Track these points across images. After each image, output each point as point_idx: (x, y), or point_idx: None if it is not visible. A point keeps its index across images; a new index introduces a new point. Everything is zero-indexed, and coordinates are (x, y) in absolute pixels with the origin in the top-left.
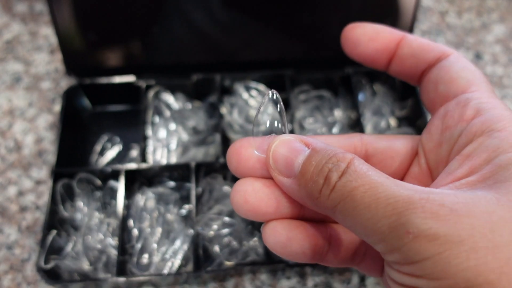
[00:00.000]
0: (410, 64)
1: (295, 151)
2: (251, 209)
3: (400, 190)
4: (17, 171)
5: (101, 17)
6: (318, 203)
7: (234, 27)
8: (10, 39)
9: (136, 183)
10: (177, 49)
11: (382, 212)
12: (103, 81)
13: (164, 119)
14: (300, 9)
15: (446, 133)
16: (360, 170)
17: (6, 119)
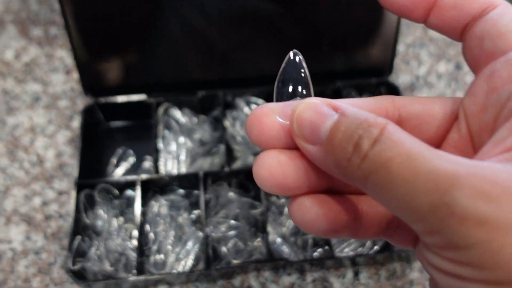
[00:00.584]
0: (452, 16)
1: (322, 115)
2: (277, 184)
3: (443, 163)
4: (40, 183)
5: (114, 42)
6: (347, 173)
7: (235, 46)
8: (28, 62)
9: (150, 192)
10: (184, 68)
11: (422, 187)
12: (117, 100)
13: (174, 132)
14: (294, 27)
15: (492, 95)
16: (396, 138)
17: (28, 136)
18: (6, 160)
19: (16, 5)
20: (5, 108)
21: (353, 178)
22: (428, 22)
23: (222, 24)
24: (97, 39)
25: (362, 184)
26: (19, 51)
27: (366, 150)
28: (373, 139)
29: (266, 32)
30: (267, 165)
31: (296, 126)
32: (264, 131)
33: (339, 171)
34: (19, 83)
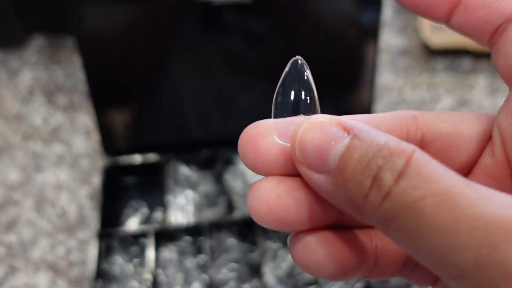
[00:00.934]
0: (481, 16)
1: (330, 137)
2: (277, 220)
3: (492, 207)
4: (64, 233)
5: (130, 109)
6: (363, 212)
7: (234, 109)
8: (54, 126)
9: (161, 239)
10: (189, 130)
11: (465, 239)
12: (132, 159)
13: (181, 186)
14: None
15: None
16: (427, 171)
17: (55, 192)
18: (35, 213)
19: (44, 76)
20: (34, 167)
21: (371, 219)
22: (452, 22)
23: (221, 93)
24: (115, 106)
25: (382, 226)
26: (46, 117)
27: (389, 187)
28: (397, 172)
29: (261, 92)
30: (264, 197)
31: (299, 151)
32: (260, 155)
33: (352, 208)
34: (46, 144)
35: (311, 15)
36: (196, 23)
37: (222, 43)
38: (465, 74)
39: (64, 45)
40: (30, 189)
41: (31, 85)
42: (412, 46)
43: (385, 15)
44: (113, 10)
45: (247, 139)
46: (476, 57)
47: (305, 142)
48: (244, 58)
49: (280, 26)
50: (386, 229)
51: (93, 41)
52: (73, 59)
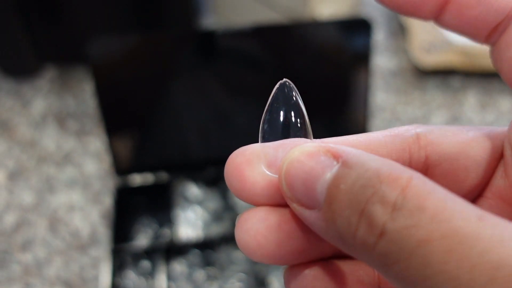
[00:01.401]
0: (476, 14)
1: (318, 168)
2: (268, 255)
3: (506, 241)
4: (78, 251)
5: (139, 132)
6: (358, 253)
7: (233, 130)
8: (67, 151)
9: (172, 254)
10: (192, 150)
11: (480, 281)
12: (143, 180)
13: (189, 203)
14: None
15: None
16: (431, 204)
17: (68, 212)
18: (49, 233)
19: (56, 104)
20: (48, 189)
21: (366, 260)
22: (442, 21)
23: (220, 114)
24: (124, 129)
25: (380, 270)
26: (59, 142)
27: (383, 224)
28: (391, 206)
29: (258, 115)
30: (253, 230)
31: (286, 187)
32: (247, 186)
33: (347, 248)
34: (59, 168)
35: (304, 40)
36: (195, 51)
37: (220, 68)
38: (455, 91)
39: (75, 74)
40: (45, 210)
41: (44, 112)
42: (403, 67)
43: (376, 39)
44: (121, 41)
45: (233, 167)
46: (465, 76)
47: (291, 175)
48: (241, 81)
49: (274, 51)
50: (384, 274)
51: (103, 69)
52: (83, 87)
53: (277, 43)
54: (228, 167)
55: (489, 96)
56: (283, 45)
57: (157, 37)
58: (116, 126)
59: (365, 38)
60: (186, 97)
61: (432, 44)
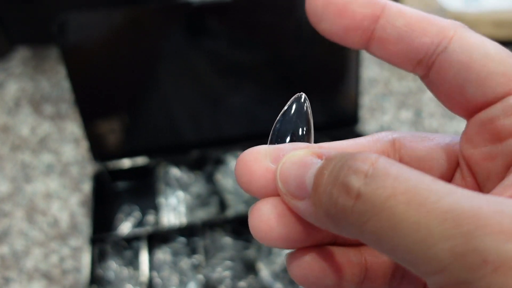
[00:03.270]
0: (399, 50)
1: (306, 166)
2: (279, 238)
3: (460, 199)
4: (57, 241)
5: (117, 113)
6: (339, 223)
7: (222, 110)
8: (43, 136)
9: (155, 241)
10: (179, 131)
11: (438, 231)
12: (122, 164)
13: (172, 188)
14: (273, 86)
15: (499, 145)
16: (395, 172)
17: (45, 201)
18: (26, 223)
19: (30, 87)
20: (24, 177)
21: (348, 227)
22: (371, 52)
23: (209, 94)
24: (102, 112)
25: (358, 232)
26: (34, 127)
27: (358, 188)
28: (363, 174)
29: (250, 96)
30: (265, 217)
31: (281, 184)
32: (255, 180)
33: (331, 223)
34: (35, 154)
35: (293, 13)
36: (180, 26)
37: (207, 45)
38: None
39: (49, 55)
40: (21, 199)
41: (17, 96)
42: None
43: None
44: (95, 17)
45: (242, 164)
46: None
47: (285, 174)
48: (230, 59)
49: (262, 25)
50: (362, 234)
51: (76, 49)
52: (58, 69)
53: (265, 17)
54: (238, 165)
55: None
56: (272, 18)
57: (135, 12)
58: (93, 109)
59: None
60: (171, 77)
61: (426, 12)
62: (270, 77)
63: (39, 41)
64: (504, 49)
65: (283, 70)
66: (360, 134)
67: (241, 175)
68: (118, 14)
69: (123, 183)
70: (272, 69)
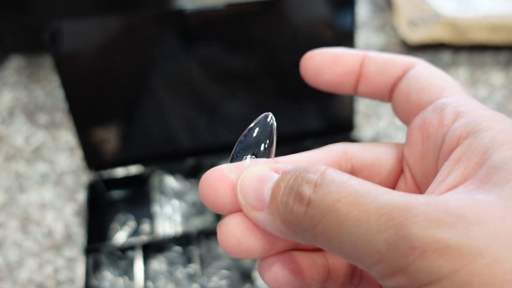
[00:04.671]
0: (378, 82)
1: (264, 179)
2: (246, 250)
3: (393, 197)
4: (51, 252)
5: (111, 122)
6: (295, 229)
7: (218, 118)
8: (37, 145)
9: (150, 251)
10: (173, 139)
11: (375, 226)
12: (117, 173)
13: (168, 196)
14: (268, 93)
15: (427, 142)
16: (339, 180)
17: (40, 211)
18: (20, 233)
19: (24, 96)
20: (18, 187)
21: (302, 232)
22: (358, 92)
23: (204, 101)
24: (97, 121)
25: (312, 236)
26: (28, 136)
27: (309, 196)
28: (313, 183)
29: (245, 103)
30: (233, 232)
31: (241, 196)
32: (219, 198)
33: (288, 230)
34: (29, 164)
35: (287, 20)
36: (174, 34)
37: (201, 52)
38: (445, 67)
39: (43, 63)
40: (15, 209)
41: (11, 106)
42: (390, 43)
43: (361, 14)
44: (88, 25)
45: (206, 184)
46: (455, 50)
47: (244, 187)
48: (225, 66)
49: (257, 32)
50: (315, 238)
51: (69, 58)
52: (52, 77)
53: (257, 22)
54: (202, 185)
55: (480, 71)
56: (264, 23)
57: (130, 20)
58: (87, 117)
59: (348, 13)
60: (165, 84)
61: (420, 17)
62: (265, 84)
63: (33, 50)
64: (447, 75)
65: (278, 76)
66: (356, 141)
67: (206, 195)
68: (111, 22)
69: (117, 192)
70: (267, 75)
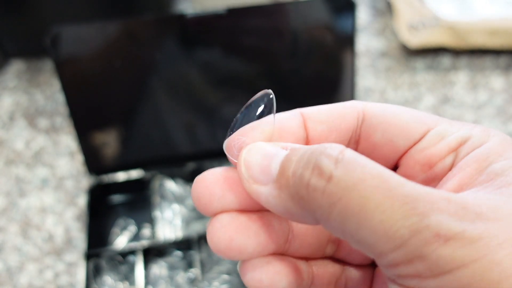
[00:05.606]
0: (332, 139)
1: (271, 154)
2: (237, 249)
3: (416, 186)
4: (52, 257)
5: (111, 126)
6: (306, 205)
7: (218, 122)
8: (37, 150)
9: (151, 256)
10: (174, 144)
11: (400, 212)
12: (117, 177)
13: (168, 201)
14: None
15: (431, 170)
16: (361, 160)
17: (40, 216)
18: (20, 238)
19: (24, 100)
20: (18, 192)
21: (315, 208)
22: None
23: (204, 106)
24: (97, 125)
25: (326, 213)
26: (28, 141)
27: (331, 171)
28: (334, 159)
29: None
30: (225, 228)
31: (245, 169)
32: (213, 202)
33: (296, 205)
34: (29, 168)
35: (288, 24)
36: (174, 38)
37: (201, 57)
38: (445, 71)
39: (43, 68)
40: (15, 214)
41: (11, 110)
42: (391, 47)
43: (361, 18)
44: (88, 30)
45: (198, 192)
46: (455, 54)
47: (250, 160)
48: (225, 71)
49: (257, 37)
50: (329, 215)
51: (70, 62)
52: (52, 82)
53: (257, 26)
54: (195, 191)
55: (480, 75)
56: (264, 28)
57: (130, 25)
58: (87, 122)
59: (348, 18)
60: (166, 89)
61: (420, 21)
62: (265, 87)
63: (33, 54)
64: (398, 106)
65: (278, 80)
66: None
67: (199, 200)
68: (111, 27)
69: (118, 196)
70: (267, 79)
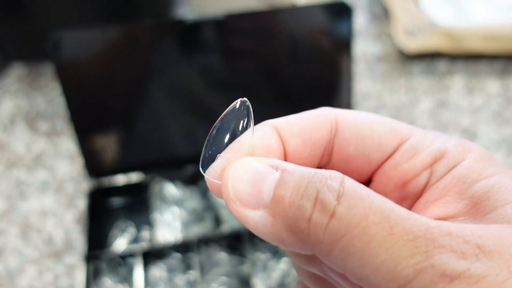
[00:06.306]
0: (308, 156)
1: (261, 174)
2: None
3: (417, 221)
4: (52, 259)
5: (111, 130)
6: (306, 237)
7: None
8: (38, 153)
9: (150, 258)
10: (173, 147)
11: (403, 250)
12: (117, 180)
13: (167, 204)
14: (266, 100)
15: (405, 188)
16: (361, 192)
17: (40, 218)
18: (21, 241)
19: (25, 104)
20: (18, 195)
21: (315, 242)
22: None
23: (203, 109)
24: (97, 129)
25: (326, 249)
26: (29, 144)
27: (334, 206)
28: (337, 193)
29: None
30: None
31: (232, 190)
32: None
33: (292, 237)
34: (30, 171)
35: (285, 28)
36: (174, 43)
37: (201, 61)
38: (442, 76)
39: (44, 71)
40: (15, 216)
41: (12, 113)
42: (387, 52)
43: (358, 23)
44: (89, 34)
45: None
46: (451, 59)
47: (237, 180)
48: (224, 74)
49: (256, 41)
50: (330, 252)
51: (70, 66)
52: (53, 85)
53: (256, 31)
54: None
55: (476, 79)
56: (263, 33)
57: (130, 30)
58: (87, 125)
59: (346, 23)
60: (165, 93)
61: (416, 26)
62: (263, 91)
63: (34, 58)
64: (371, 115)
65: (276, 84)
66: None
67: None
68: (112, 31)
69: (118, 199)
70: (265, 83)
